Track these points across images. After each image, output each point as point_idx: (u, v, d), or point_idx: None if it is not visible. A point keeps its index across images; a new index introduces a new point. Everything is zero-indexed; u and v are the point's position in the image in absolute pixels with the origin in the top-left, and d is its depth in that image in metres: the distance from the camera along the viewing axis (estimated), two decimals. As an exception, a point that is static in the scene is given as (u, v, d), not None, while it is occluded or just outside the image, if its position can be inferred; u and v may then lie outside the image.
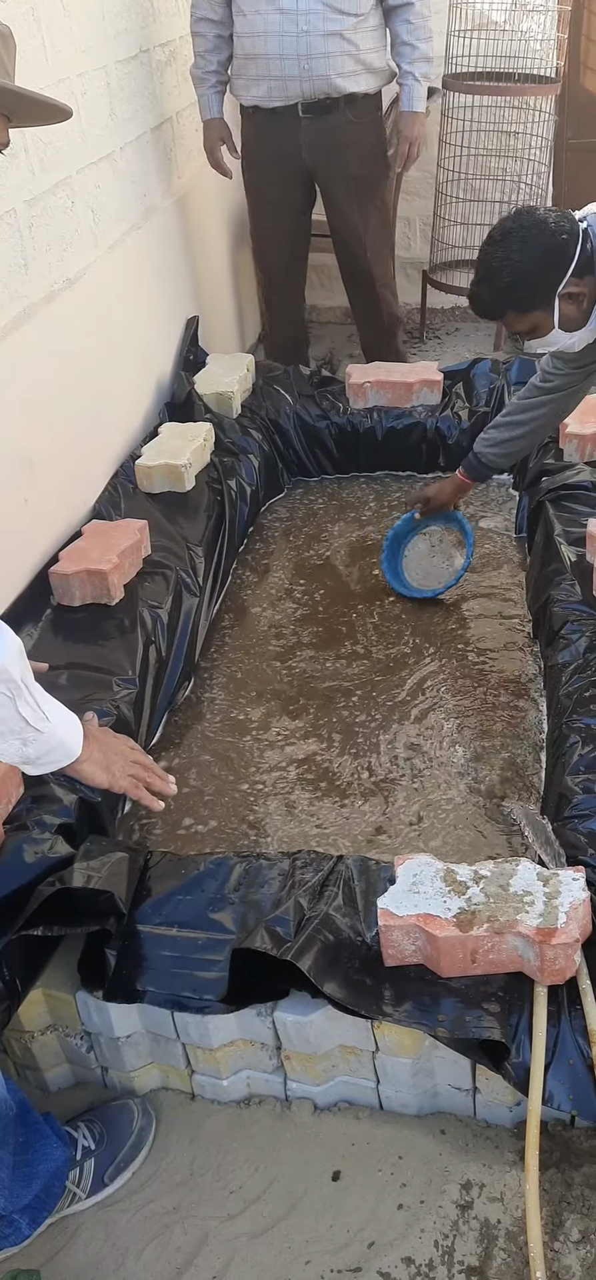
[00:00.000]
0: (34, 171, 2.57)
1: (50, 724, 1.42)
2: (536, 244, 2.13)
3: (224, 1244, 1.63)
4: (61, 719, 1.48)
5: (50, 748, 1.44)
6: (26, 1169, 1.58)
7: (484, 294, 2.22)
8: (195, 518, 2.98)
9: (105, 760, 1.58)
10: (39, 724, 1.38)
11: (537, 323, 2.22)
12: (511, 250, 2.14)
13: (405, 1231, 1.60)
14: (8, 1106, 1.53)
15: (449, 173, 4.38)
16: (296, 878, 1.80)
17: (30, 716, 1.35)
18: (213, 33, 3.40)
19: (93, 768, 1.56)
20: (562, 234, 2.13)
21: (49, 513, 2.67)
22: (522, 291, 2.17)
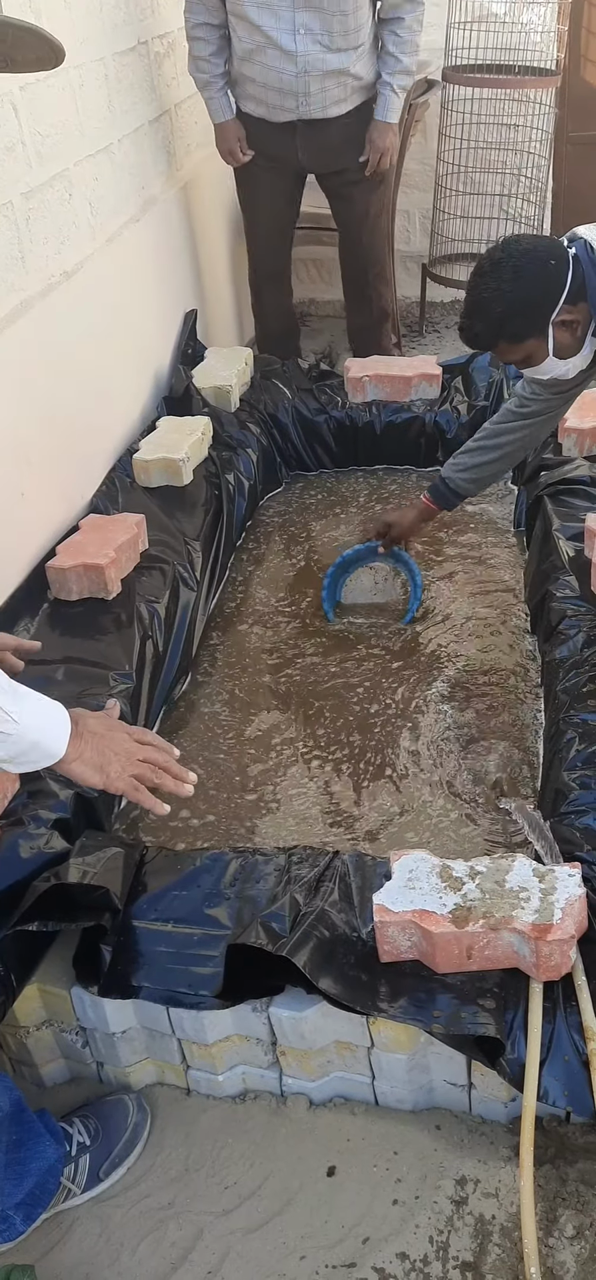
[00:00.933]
0: (31, 164, 2.56)
1: (19, 726, 1.37)
2: (528, 272, 2.09)
3: (219, 1239, 1.63)
4: (38, 721, 1.42)
5: (22, 750, 1.40)
6: (18, 1167, 1.57)
7: (476, 326, 2.17)
8: (193, 512, 2.97)
9: (99, 759, 1.51)
10: (4, 727, 1.34)
11: (531, 352, 2.19)
12: (503, 280, 2.10)
13: (400, 1227, 1.60)
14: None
15: (448, 165, 4.37)
16: (292, 873, 1.80)
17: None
18: (215, 35, 3.35)
19: (83, 768, 1.50)
20: (553, 260, 2.09)
21: (46, 507, 2.66)
22: (517, 322, 2.13)
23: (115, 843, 1.87)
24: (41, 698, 1.47)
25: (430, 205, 4.54)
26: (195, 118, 3.81)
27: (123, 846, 1.85)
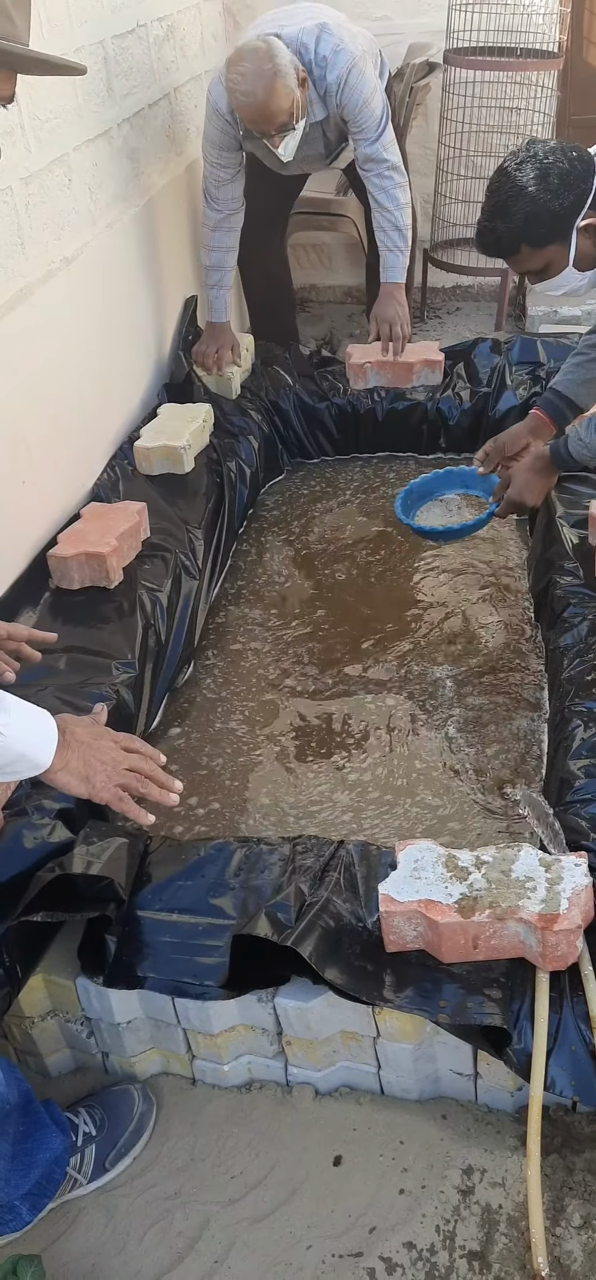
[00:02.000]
0: (30, 149, 2.54)
1: (6, 738, 1.36)
2: (555, 172, 2.00)
3: (225, 1229, 1.63)
4: (23, 732, 1.41)
5: (8, 760, 1.39)
6: (25, 1158, 1.57)
7: (499, 228, 2.08)
8: (194, 500, 2.96)
9: (85, 770, 1.51)
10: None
11: (552, 259, 2.09)
12: (528, 180, 2.01)
13: (406, 1216, 1.60)
14: (5, 1100, 1.52)
15: (450, 149, 4.34)
16: (297, 863, 1.80)
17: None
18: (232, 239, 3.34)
19: (68, 777, 1.49)
20: (579, 163, 2.01)
21: (47, 495, 2.65)
22: (541, 224, 2.03)
23: (119, 833, 1.86)
24: (29, 707, 1.46)
25: (431, 190, 4.51)
26: (194, 101, 3.78)
27: (127, 837, 1.85)
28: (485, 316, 4.70)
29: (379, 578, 2.98)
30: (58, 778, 1.48)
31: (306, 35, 2.95)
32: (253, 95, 2.80)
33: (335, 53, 2.97)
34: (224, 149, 3.12)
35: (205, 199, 3.28)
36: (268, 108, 2.83)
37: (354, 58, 2.98)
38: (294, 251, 4.46)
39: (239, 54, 2.83)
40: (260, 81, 2.79)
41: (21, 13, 1.22)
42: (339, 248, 4.83)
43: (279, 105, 2.83)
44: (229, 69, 2.84)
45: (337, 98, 3.03)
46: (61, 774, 1.48)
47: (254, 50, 2.81)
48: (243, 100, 2.83)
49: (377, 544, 3.13)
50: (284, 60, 2.82)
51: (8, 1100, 1.53)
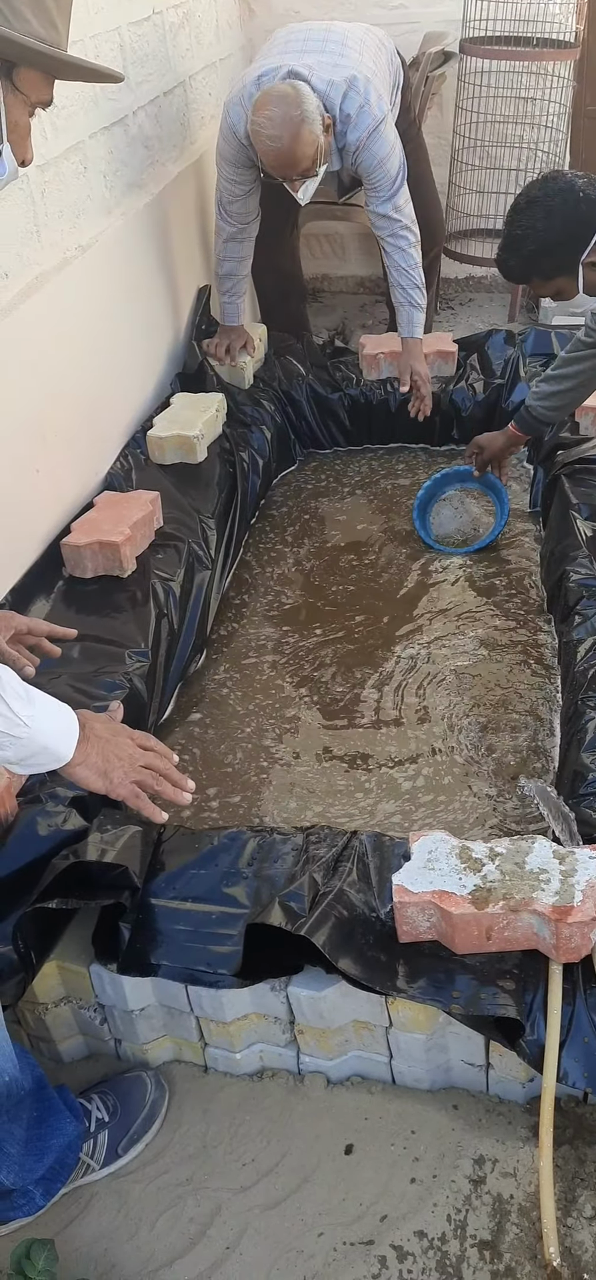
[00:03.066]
0: (46, 136, 2.54)
1: (30, 730, 1.36)
2: (560, 214, 2.21)
3: (237, 1215, 1.63)
4: (48, 724, 1.42)
5: (31, 753, 1.40)
6: (39, 1143, 1.58)
7: (510, 260, 2.35)
8: (207, 489, 2.96)
9: (103, 765, 1.52)
10: (14, 730, 1.33)
11: (561, 288, 2.32)
12: (536, 219, 2.24)
13: (418, 1205, 1.60)
14: (19, 1085, 1.53)
15: (464, 139, 4.32)
16: (310, 853, 1.80)
17: (2, 724, 1.31)
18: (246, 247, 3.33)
19: (86, 772, 1.50)
20: (584, 204, 2.17)
21: (61, 483, 2.66)
22: (546, 260, 2.27)
23: (133, 821, 1.87)
24: (52, 701, 1.47)
25: (446, 180, 4.49)
26: (209, 89, 3.78)
27: (140, 825, 1.85)
28: (498, 308, 4.69)
29: (390, 568, 2.98)
30: (77, 772, 1.49)
31: (334, 90, 2.92)
32: (279, 141, 2.78)
33: (359, 112, 2.94)
34: (240, 166, 3.10)
35: (219, 211, 3.25)
36: (292, 154, 2.81)
37: (376, 120, 2.97)
38: (306, 241, 4.45)
39: (267, 97, 2.80)
40: (287, 128, 2.77)
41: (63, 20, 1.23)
42: (352, 238, 4.82)
43: (304, 152, 2.82)
44: (256, 112, 2.81)
45: (354, 156, 3.03)
46: (81, 768, 1.49)
47: (283, 96, 2.78)
48: (269, 145, 2.80)
49: (389, 535, 3.13)
50: (311, 106, 2.80)
51: (21, 1085, 1.54)
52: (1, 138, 1.22)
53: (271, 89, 2.82)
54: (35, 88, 1.23)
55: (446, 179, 4.45)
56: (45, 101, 1.26)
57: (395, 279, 3.22)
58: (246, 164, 3.07)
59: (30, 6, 1.16)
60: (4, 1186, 1.54)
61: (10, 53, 1.16)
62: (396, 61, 3.31)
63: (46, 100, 1.27)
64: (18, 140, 1.25)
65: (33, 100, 1.24)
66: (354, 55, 3.01)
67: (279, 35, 3.21)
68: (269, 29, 4.32)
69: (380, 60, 3.16)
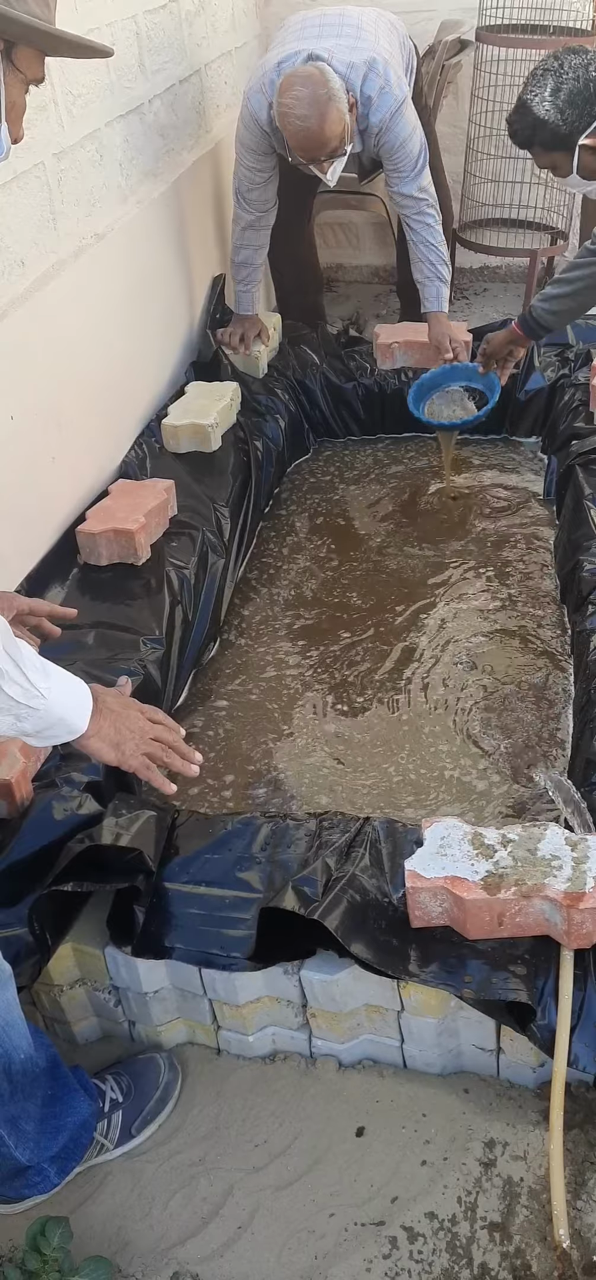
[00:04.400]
0: (63, 124, 2.55)
1: (47, 701, 1.38)
2: (567, 91, 2.33)
3: (249, 1195, 1.65)
4: (64, 696, 1.44)
5: (48, 724, 1.41)
6: (54, 1121, 1.60)
7: (516, 124, 2.48)
8: (221, 478, 2.97)
9: (116, 737, 1.53)
10: (32, 701, 1.35)
11: (557, 163, 2.46)
12: (545, 91, 2.36)
13: (428, 1187, 1.62)
14: (34, 1063, 1.55)
15: (480, 128, 4.31)
16: (323, 838, 1.81)
17: (20, 696, 1.32)
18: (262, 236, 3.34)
19: (100, 744, 1.52)
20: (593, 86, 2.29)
21: (76, 471, 2.67)
22: (547, 133, 2.38)
23: (147, 806, 1.89)
24: (66, 674, 1.49)
25: (460, 169, 4.48)
26: (225, 78, 3.78)
27: (155, 810, 1.87)
28: (513, 297, 4.67)
29: (403, 556, 2.99)
30: (90, 743, 1.51)
31: (354, 72, 2.92)
32: (307, 120, 2.78)
33: (380, 94, 2.95)
34: (260, 153, 3.10)
35: (237, 199, 3.26)
36: (322, 134, 2.81)
37: (397, 101, 2.98)
38: (321, 231, 4.44)
39: (292, 79, 2.80)
40: (315, 107, 2.77)
41: None
42: (366, 227, 4.81)
43: (333, 131, 2.82)
44: (282, 95, 2.80)
45: (377, 138, 3.04)
46: (94, 740, 1.50)
47: (308, 76, 2.79)
48: (298, 125, 2.79)
49: (403, 523, 3.14)
50: (337, 85, 2.81)
51: (36, 1064, 1.56)
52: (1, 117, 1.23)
53: (295, 71, 2.82)
54: (31, 65, 1.25)
55: (461, 168, 4.44)
56: (39, 79, 1.28)
57: (422, 254, 3.24)
58: (267, 151, 3.08)
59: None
60: (19, 1164, 1.56)
61: (13, 33, 1.18)
62: (408, 45, 3.32)
63: (40, 77, 1.29)
64: (15, 119, 1.27)
65: (29, 78, 1.26)
66: (370, 38, 3.01)
67: (293, 22, 3.21)
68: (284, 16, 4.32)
69: (393, 43, 3.17)
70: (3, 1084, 1.49)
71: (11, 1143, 1.53)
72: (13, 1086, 1.51)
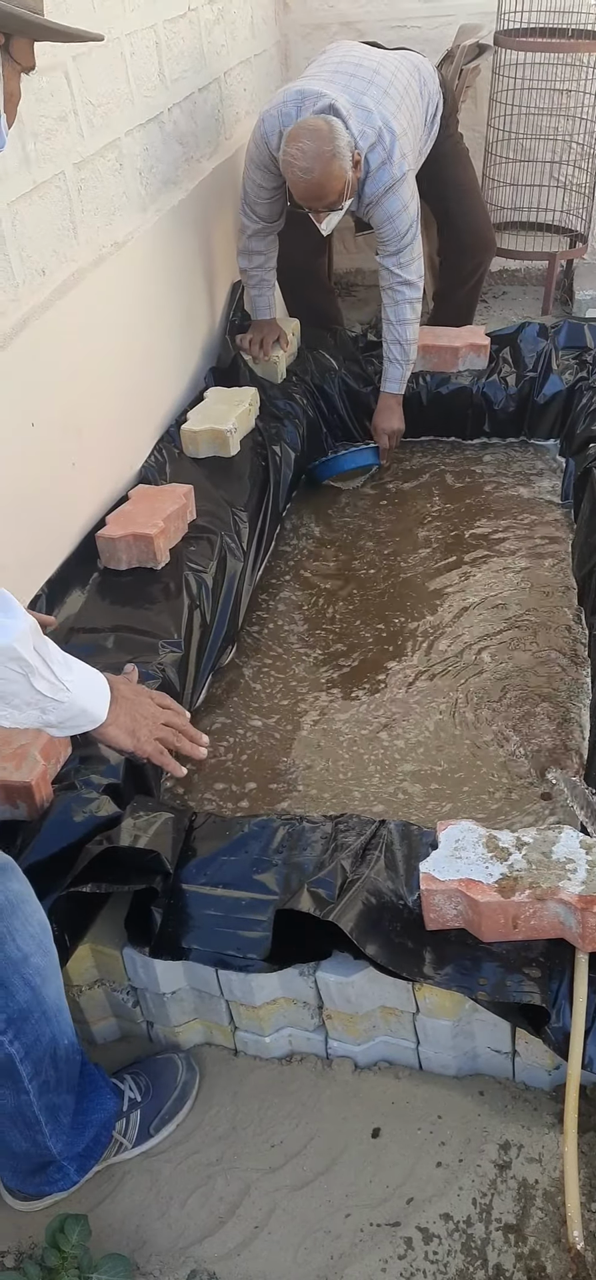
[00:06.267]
0: (83, 134, 2.58)
1: (70, 694, 1.41)
2: None
3: (265, 1195, 1.66)
4: (85, 688, 1.47)
5: (71, 715, 1.45)
6: (81, 1117, 1.62)
7: None
8: (240, 482, 2.99)
9: (131, 724, 1.56)
10: (58, 695, 1.38)
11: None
12: None
13: (444, 1188, 1.62)
14: (75, 1051, 1.57)
15: (499, 132, 4.32)
16: (339, 841, 1.82)
17: (47, 689, 1.35)
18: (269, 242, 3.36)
19: (117, 731, 1.55)
20: None
21: (96, 477, 2.70)
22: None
23: (165, 808, 1.90)
24: (86, 666, 1.52)
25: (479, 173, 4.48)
26: (244, 85, 3.80)
27: (172, 811, 1.89)
28: (531, 301, 4.67)
29: (420, 559, 3.00)
30: (108, 732, 1.54)
31: (364, 139, 2.95)
32: (309, 173, 2.82)
33: (380, 167, 2.99)
34: (267, 171, 3.14)
35: (244, 209, 3.29)
36: (321, 187, 2.85)
37: (394, 179, 3.01)
38: (340, 235, 4.46)
39: (300, 130, 2.84)
40: (318, 161, 2.81)
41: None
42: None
43: (332, 186, 2.85)
44: (289, 143, 2.85)
45: (367, 207, 3.09)
46: (112, 728, 1.54)
47: (316, 130, 2.82)
48: (299, 176, 2.84)
49: (420, 528, 3.14)
50: (343, 143, 2.84)
51: (76, 1054, 1.59)
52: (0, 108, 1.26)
53: (304, 122, 2.86)
54: (25, 55, 1.28)
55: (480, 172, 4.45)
56: (32, 66, 1.31)
57: (384, 331, 3.27)
58: (275, 171, 3.12)
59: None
60: (49, 1155, 1.58)
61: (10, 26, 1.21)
62: (430, 87, 3.33)
63: (33, 65, 1.31)
64: (11, 110, 1.30)
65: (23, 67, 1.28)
66: (392, 104, 3.05)
67: (331, 56, 3.23)
68: (304, 24, 4.36)
69: (417, 105, 3.21)
70: (49, 1070, 1.52)
71: (48, 1130, 1.55)
72: (58, 1075, 1.54)
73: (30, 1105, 1.52)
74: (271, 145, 3.04)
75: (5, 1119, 1.53)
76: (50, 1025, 1.51)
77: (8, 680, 1.26)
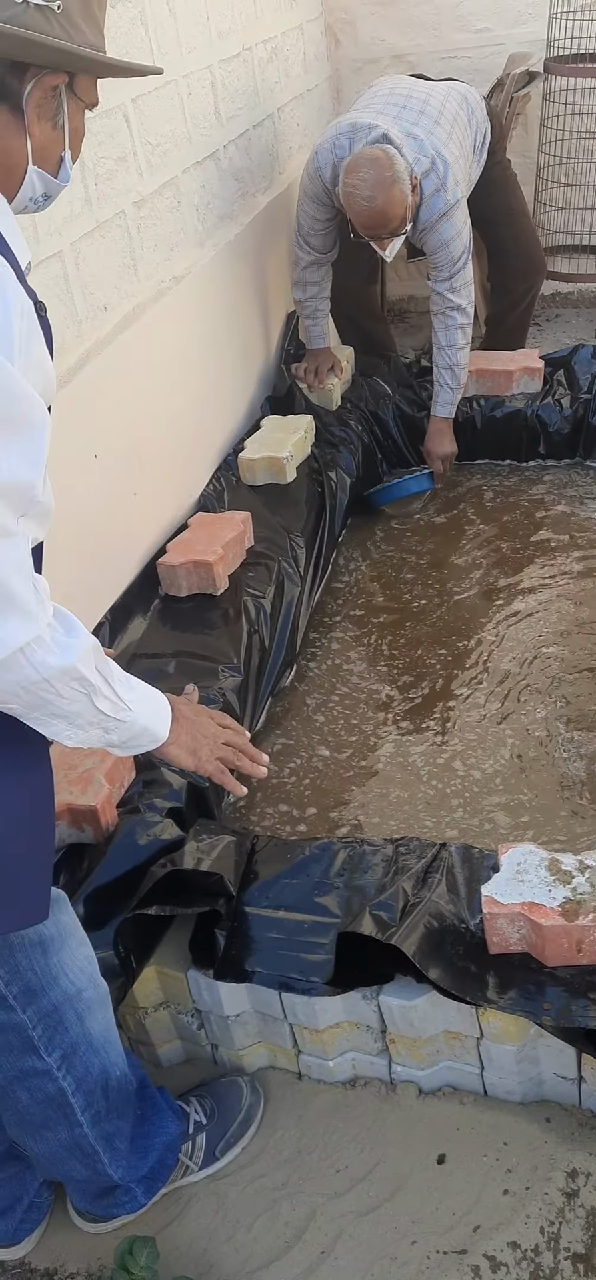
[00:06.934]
0: (142, 173, 2.64)
1: (132, 713, 1.41)
2: None
3: (331, 1221, 1.66)
4: (146, 707, 1.47)
5: (133, 735, 1.45)
6: (143, 1141, 1.64)
7: None
8: (296, 509, 3.02)
9: (192, 744, 1.56)
10: (119, 714, 1.38)
11: None
12: None
13: (511, 1216, 1.61)
14: (129, 1081, 1.59)
15: (550, 157, 4.32)
16: (400, 864, 1.83)
17: (109, 709, 1.36)
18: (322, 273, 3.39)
19: (178, 750, 1.54)
20: None
21: (156, 506, 2.74)
22: None
23: (227, 831, 1.92)
24: (147, 686, 1.53)
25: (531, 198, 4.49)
26: (297, 120, 3.85)
27: (234, 834, 1.91)
28: (585, 323, 4.65)
29: (478, 583, 2.99)
30: (170, 750, 1.54)
31: (418, 166, 2.98)
32: (372, 201, 2.85)
33: (434, 194, 3.02)
34: (321, 204, 3.18)
35: (298, 241, 3.33)
36: (385, 214, 2.88)
37: (448, 205, 3.04)
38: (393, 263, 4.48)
39: (358, 161, 2.88)
40: (380, 189, 2.84)
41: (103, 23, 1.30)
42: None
43: (395, 211, 2.89)
44: (348, 175, 2.88)
45: (421, 233, 3.11)
46: (173, 747, 1.53)
47: (374, 159, 2.86)
48: (363, 205, 2.87)
49: (477, 549, 3.14)
50: (401, 168, 2.87)
51: (130, 1083, 1.60)
52: (65, 145, 1.29)
53: (362, 153, 2.90)
54: (89, 92, 1.31)
55: (532, 196, 4.45)
56: (95, 104, 1.34)
57: (435, 356, 3.28)
58: (328, 203, 3.16)
59: (83, 18, 1.24)
60: (111, 1181, 1.60)
61: (76, 66, 1.24)
62: (478, 116, 3.36)
63: (96, 101, 1.34)
64: (75, 145, 1.33)
65: (87, 103, 1.32)
66: (443, 134, 3.09)
67: (381, 90, 3.28)
68: (354, 58, 4.41)
69: (466, 133, 3.23)
70: (100, 1101, 1.53)
71: (106, 1159, 1.57)
72: (109, 1104, 1.55)
73: (86, 1137, 1.54)
74: (325, 178, 3.08)
75: (63, 1150, 1.55)
76: (99, 1057, 1.53)
77: (71, 700, 1.28)
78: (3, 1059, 1.45)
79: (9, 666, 1.17)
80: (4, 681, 1.19)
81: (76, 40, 1.22)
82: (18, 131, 1.22)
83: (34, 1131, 1.53)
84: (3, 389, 1.08)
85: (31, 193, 1.27)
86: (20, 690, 1.21)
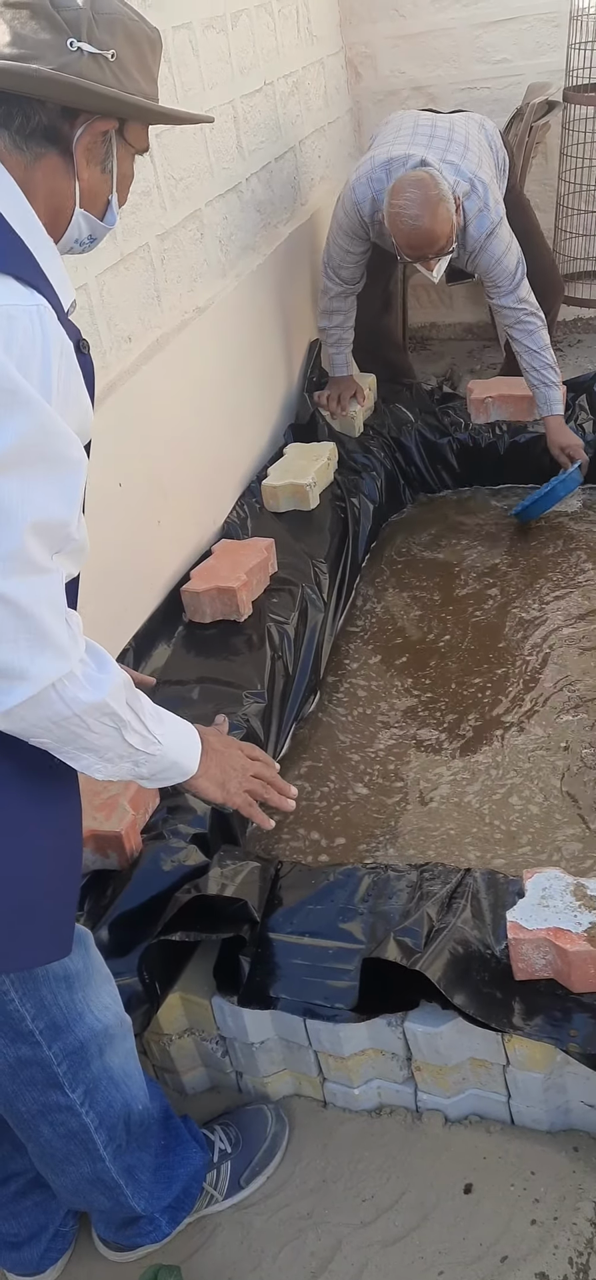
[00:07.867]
0: (165, 207, 2.68)
1: (162, 747, 1.41)
2: None
3: (357, 1250, 1.65)
4: (176, 741, 1.47)
5: (163, 768, 1.45)
6: (167, 1171, 1.63)
7: None
8: (319, 535, 3.03)
9: (221, 776, 1.55)
10: (149, 749, 1.39)
11: None
12: None
13: (539, 1247, 1.59)
14: (150, 1113, 1.58)
15: (570, 185, 4.33)
16: (424, 889, 1.82)
17: (139, 744, 1.36)
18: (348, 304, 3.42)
19: (207, 783, 1.54)
20: None
21: (180, 533, 2.77)
22: None
23: (251, 857, 1.93)
24: (177, 719, 1.53)
25: (551, 225, 4.50)
26: (318, 152, 3.89)
27: (258, 860, 1.91)
28: (608, 348, 4.65)
29: (501, 610, 2.99)
30: (198, 783, 1.54)
31: (458, 189, 3.02)
32: (419, 220, 2.88)
33: (479, 215, 3.05)
34: (355, 237, 3.22)
35: (326, 273, 3.36)
36: (432, 233, 2.90)
37: (493, 224, 3.07)
38: (414, 291, 4.52)
39: (403, 184, 2.90)
40: (427, 208, 2.86)
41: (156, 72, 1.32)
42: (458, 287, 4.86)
43: (442, 230, 2.91)
44: (394, 197, 2.91)
45: (471, 256, 3.14)
46: (202, 780, 1.53)
47: (419, 180, 2.89)
48: (411, 226, 2.89)
49: (500, 576, 3.14)
50: (446, 188, 2.90)
51: (152, 1114, 1.60)
52: (112, 189, 1.31)
53: (405, 177, 2.92)
54: (139, 138, 1.33)
55: (552, 224, 4.47)
56: (145, 149, 1.36)
57: (527, 363, 3.27)
58: (363, 237, 3.19)
59: (136, 67, 1.26)
60: (135, 1212, 1.60)
61: (127, 113, 1.26)
62: (496, 142, 3.39)
63: (146, 147, 1.36)
64: (123, 190, 1.35)
65: (137, 149, 1.34)
66: (474, 158, 3.12)
67: (402, 123, 3.30)
68: (375, 90, 4.45)
69: (491, 159, 3.26)
70: (121, 1133, 1.53)
71: (129, 1191, 1.57)
72: (130, 1136, 1.55)
73: (108, 1171, 1.54)
74: (363, 212, 3.11)
75: (85, 1183, 1.55)
76: (121, 1091, 1.53)
77: (101, 734, 1.29)
78: (27, 1093, 1.45)
79: (41, 702, 1.18)
80: (36, 716, 1.19)
81: (129, 88, 1.24)
82: (66, 174, 1.23)
83: (57, 1165, 1.53)
84: (39, 426, 1.09)
85: (78, 234, 1.29)
86: (52, 725, 1.21)
